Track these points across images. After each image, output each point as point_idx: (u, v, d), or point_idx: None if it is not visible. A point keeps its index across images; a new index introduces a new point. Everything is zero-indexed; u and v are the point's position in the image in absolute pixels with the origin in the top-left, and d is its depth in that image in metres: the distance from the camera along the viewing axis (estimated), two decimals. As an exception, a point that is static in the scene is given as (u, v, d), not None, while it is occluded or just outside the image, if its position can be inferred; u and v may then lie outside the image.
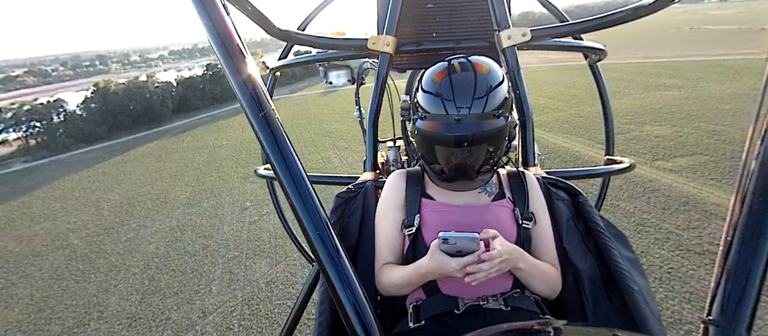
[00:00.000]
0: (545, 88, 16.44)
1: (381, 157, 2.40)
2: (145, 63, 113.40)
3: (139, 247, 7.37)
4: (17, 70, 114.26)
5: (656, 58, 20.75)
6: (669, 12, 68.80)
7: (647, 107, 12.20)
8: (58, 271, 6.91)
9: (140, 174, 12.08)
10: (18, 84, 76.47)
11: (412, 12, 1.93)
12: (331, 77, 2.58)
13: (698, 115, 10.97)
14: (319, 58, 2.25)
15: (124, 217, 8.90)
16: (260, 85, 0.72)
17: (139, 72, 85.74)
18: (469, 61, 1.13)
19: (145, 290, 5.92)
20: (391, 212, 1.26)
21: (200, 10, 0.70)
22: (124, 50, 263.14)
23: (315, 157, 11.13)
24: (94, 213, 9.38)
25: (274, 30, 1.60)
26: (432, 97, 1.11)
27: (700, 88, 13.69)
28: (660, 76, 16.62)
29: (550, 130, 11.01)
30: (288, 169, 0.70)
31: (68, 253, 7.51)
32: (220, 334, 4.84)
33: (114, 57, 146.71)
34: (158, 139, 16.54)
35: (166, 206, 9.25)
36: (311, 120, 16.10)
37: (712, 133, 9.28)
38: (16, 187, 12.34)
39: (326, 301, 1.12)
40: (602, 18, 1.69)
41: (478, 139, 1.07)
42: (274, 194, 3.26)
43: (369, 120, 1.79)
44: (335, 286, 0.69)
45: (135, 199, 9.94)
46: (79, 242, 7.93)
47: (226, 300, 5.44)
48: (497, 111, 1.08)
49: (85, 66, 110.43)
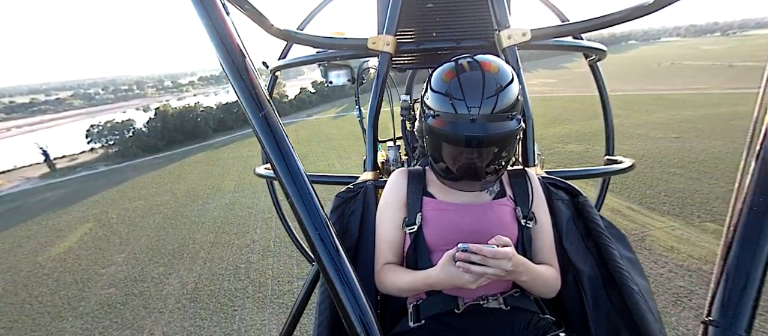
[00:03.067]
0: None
1: (381, 157, 2.36)
2: (176, 88, 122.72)
3: (207, 213, 11.43)
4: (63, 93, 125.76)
5: (620, 92, 24.22)
6: (665, 45, 71.65)
7: (580, 132, 15.86)
8: (158, 225, 11.00)
9: (197, 174, 16.40)
10: (66, 106, 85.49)
11: (412, 12, 1.92)
12: (331, 77, 2.52)
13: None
14: (319, 58, 2.22)
15: (192, 199, 13.05)
16: (260, 85, 0.71)
17: (172, 96, 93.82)
18: (476, 60, 1.10)
19: (217, 231, 9.93)
20: (393, 210, 1.24)
21: (200, 10, 0.69)
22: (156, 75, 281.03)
23: (323, 163, 15.16)
24: (171, 196, 13.60)
25: (273, 30, 1.58)
26: (441, 96, 1.09)
27: (632, 118, 17.30)
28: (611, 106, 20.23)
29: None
30: (288, 168, 0.71)
31: (162, 217, 11.64)
32: (263, 248, 8.74)
33: (149, 82, 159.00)
34: (204, 151, 21.04)
35: (219, 192, 13.38)
36: (322, 138, 20.31)
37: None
38: (109, 181, 16.80)
39: (326, 301, 1.12)
40: (602, 18, 1.68)
41: (488, 141, 1.05)
42: (274, 194, 3.30)
43: (369, 120, 1.77)
44: (335, 286, 0.69)
45: (197, 189, 14.15)
46: (167, 211, 12.08)
47: (265, 236, 9.35)
48: (510, 112, 1.06)
49: (123, 90, 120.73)
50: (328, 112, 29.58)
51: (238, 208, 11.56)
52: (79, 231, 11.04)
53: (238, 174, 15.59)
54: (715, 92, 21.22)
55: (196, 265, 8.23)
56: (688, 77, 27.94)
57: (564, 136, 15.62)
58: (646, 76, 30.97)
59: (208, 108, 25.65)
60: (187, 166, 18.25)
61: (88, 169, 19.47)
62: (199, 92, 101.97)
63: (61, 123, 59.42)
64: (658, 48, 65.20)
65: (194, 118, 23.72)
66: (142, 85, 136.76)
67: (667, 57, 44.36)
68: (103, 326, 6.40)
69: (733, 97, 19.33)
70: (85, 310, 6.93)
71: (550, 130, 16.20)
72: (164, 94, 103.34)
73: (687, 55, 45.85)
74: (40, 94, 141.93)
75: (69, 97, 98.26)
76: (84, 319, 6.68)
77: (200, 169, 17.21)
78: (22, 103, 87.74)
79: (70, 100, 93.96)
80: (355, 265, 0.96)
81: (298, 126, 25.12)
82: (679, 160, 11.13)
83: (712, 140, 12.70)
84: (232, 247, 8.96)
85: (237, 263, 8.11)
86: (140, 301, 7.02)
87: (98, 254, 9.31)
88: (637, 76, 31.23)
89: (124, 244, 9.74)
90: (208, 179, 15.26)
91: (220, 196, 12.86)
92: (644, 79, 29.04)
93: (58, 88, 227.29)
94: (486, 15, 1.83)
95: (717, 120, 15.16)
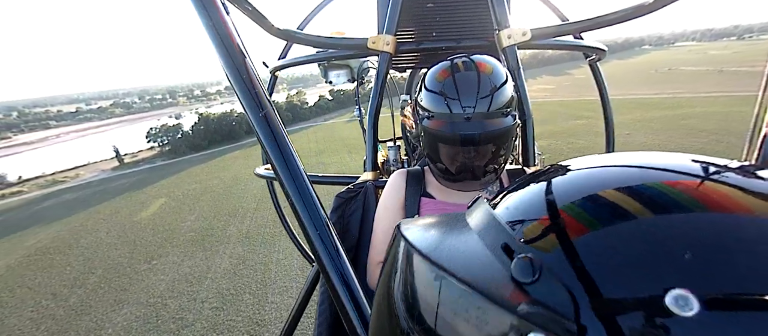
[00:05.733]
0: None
1: (381, 157, 2.34)
2: (205, 97, 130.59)
3: (249, 191, 15.06)
4: (102, 102, 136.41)
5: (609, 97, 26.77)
6: (676, 50, 71.94)
7: (554, 131, 18.68)
8: (214, 199, 14.70)
9: (237, 166, 20.21)
10: (109, 114, 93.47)
11: (412, 11, 1.92)
12: (331, 76, 2.47)
13: (576, 134, 17.47)
14: (319, 58, 2.22)
15: (235, 182, 16.77)
16: (260, 85, 0.72)
17: (201, 104, 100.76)
18: (471, 60, 1.10)
19: (258, 202, 13.49)
20: (391, 212, 1.25)
21: (200, 10, 0.70)
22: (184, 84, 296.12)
23: (336, 157, 18.64)
24: (219, 181, 17.40)
25: (273, 29, 1.58)
26: (436, 96, 1.08)
27: (601, 119, 20.08)
28: (589, 109, 22.88)
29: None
30: (288, 168, 0.71)
31: (216, 194, 15.38)
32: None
33: (180, 91, 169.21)
34: (240, 149, 24.96)
35: (255, 179, 16.98)
36: (336, 138, 23.90)
37: (570, 144, 15.88)
38: (168, 171, 20.87)
39: (326, 301, 1.14)
40: (603, 17, 1.67)
41: (484, 138, 1.05)
42: (274, 194, 3.40)
43: (369, 120, 1.78)
44: (335, 286, 0.69)
45: (238, 176, 17.90)
46: (219, 190, 15.81)
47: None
48: (504, 109, 1.06)
49: (158, 99, 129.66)
50: (343, 116, 33.30)
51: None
52: (157, 203, 14.93)
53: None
54: (687, 96, 23.53)
55: (246, 220, 11.81)
56: (677, 82, 29.99)
57: (536, 134, 18.61)
58: (639, 81, 33.07)
59: (241, 113, 29.93)
60: (228, 160, 22.18)
61: (149, 164, 23.71)
62: (225, 100, 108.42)
63: (108, 129, 65.79)
64: (668, 53, 65.90)
65: (230, 122, 27.90)
66: (174, 94, 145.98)
67: (671, 62, 45.81)
68: (191, 251, 9.98)
69: (699, 100, 21.70)
70: (177, 244, 10.58)
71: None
72: (194, 103, 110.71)
73: (690, 60, 47.15)
74: (80, 104, 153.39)
75: (110, 106, 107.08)
76: (178, 248, 10.31)
77: (239, 162, 21.07)
78: (69, 112, 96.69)
79: (111, 109, 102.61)
80: (355, 266, 0.97)
81: (317, 129, 28.90)
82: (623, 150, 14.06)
83: (656, 136, 15.44)
84: (269, 211, 12.45)
85: (274, 220, 11.57)
86: (212, 239, 10.61)
87: (176, 215, 13.08)
88: (628, 81, 33.43)
89: (192, 211, 13.47)
90: (246, 169, 19.04)
91: (258, 181, 16.52)
92: (634, 84, 31.24)
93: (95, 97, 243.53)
94: (486, 15, 1.82)
95: (670, 120, 17.76)
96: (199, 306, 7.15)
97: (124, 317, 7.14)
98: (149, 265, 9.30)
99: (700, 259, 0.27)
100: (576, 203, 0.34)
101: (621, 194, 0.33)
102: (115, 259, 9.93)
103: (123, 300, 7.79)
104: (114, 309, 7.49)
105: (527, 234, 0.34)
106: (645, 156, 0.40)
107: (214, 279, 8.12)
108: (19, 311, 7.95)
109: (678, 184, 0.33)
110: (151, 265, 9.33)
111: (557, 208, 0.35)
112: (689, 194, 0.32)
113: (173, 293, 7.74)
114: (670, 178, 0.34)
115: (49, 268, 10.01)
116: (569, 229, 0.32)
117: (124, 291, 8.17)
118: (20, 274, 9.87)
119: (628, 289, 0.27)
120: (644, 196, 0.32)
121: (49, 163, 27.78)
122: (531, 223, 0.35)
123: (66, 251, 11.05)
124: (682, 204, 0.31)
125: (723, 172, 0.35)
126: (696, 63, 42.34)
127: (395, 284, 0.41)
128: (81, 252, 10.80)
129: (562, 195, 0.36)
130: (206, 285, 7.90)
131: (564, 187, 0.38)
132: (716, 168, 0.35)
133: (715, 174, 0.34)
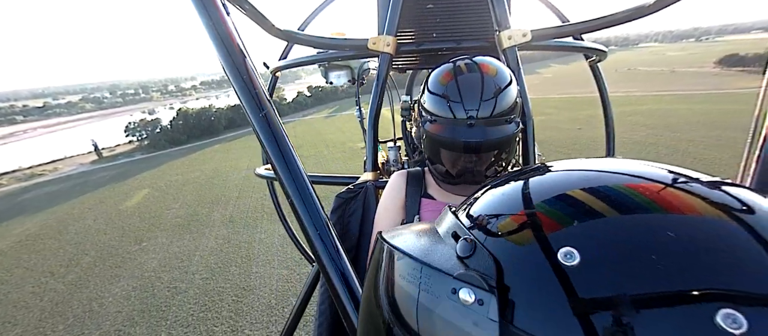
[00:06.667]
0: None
1: (381, 157, 2.35)
2: (180, 92, 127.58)
3: (230, 182, 15.86)
4: (70, 97, 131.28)
5: (566, 95, 28.57)
6: (639, 51, 75.84)
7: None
8: (196, 189, 15.43)
9: (217, 159, 20.88)
10: (79, 109, 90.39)
11: (412, 12, 1.92)
12: (332, 77, 2.47)
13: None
14: (319, 59, 2.21)
15: (216, 174, 17.51)
16: (260, 85, 0.72)
17: (176, 100, 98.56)
18: (474, 62, 1.09)
19: (239, 191, 14.33)
20: (391, 213, 1.26)
21: (200, 10, 0.70)
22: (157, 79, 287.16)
23: (313, 150, 19.63)
24: (200, 173, 18.07)
25: (273, 30, 1.58)
26: (438, 98, 1.08)
27: (560, 115, 21.62)
28: (552, 107, 24.60)
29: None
30: (288, 169, 0.72)
31: (198, 185, 16.09)
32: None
33: (153, 86, 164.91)
34: (219, 144, 25.53)
35: (236, 170, 17.83)
36: (314, 133, 24.86)
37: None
38: (149, 164, 21.29)
39: (326, 301, 1.14)
40: (603, 18, 1.67)
41: (487, 146, 1.04)
42: (274, 194, 3.36)
43: (369, 120, 1.78)
44: (335, 286, 0.69)
45: (219, 168, 18.61)
46: (201, 181, 16.52)
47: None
48: (508, 116, 1.05)
49: (130, 94, 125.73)
50: (322, 112, 34.19)
51: (253, 179, 16.03)
52: (141, 193, 15.56)
53: (248, 159, 20.09)
54: (639, 94, 25.68)
55: (229, 207, 12.70)
56: (634, 81, 32.29)
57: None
58: (605, 81, 35.41)
59: (219, 109, 30.24)
60: (208, 154, 22.77)
61: (128, 157, 23.95)
62: (201, 96, 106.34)
63: (79, 125, 64.02)
64: (632, 54, 69.59)
65: (209, 117, 28.33)
66: (147, 90, 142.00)
67: (631, 62, 48.72)
68: (179, 234, 10.82)
69: (648, 98, 23.80)
70: (164, 228, 11.39)
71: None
72: (169, 98, 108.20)
73: (649, 60, 50.23)
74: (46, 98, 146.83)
75: (79, 101, 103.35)
76: (166, 232, 11.12)
77: (219, 156, 21.72)
78: (36, 107, 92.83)
79: (80, 103, 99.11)
80: (355, 266, 0.95)
81: (296, 124, 29.72)
82: (572, 142, 15.61)
83: (601, 130, 17.20)
84: (251, 198, 13.42)
85: (255, 206, 12.53)
86: (198, 223, 11.47)
87: (160, 203, 13.81)
88: (589, 80, 35.50)
89: (175, 200, 14.22)
90: (226, 162, 19.77)
91: (237, 173, 17.37)
92: (595, 83, 33.44)
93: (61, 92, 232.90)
94: (486, 15, 1.82)
95: (619, 116, 18.70)
96: (190, 277, 8.12)
97: (121, 288, 8.03)
98: (140, 247, 10.13)
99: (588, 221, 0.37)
100: (547, 202, 0.42)
101: (587, 194, 0.40)
102: (106, 243, 10.68)
103: (118, 275, 8.66)
104: (111, 282, 8.35)
105: (472, 222, 0.44)
106: (601, 163, 0.46)
107: (202, 256, 9.08)
108: (19, 288, 8.68)
109: (639, 189, 0.39)
110: (142, 246, 10.17)
111: (497, 203, 0.46)
112: (646, 197, 0.38)
113: (165, 268, 8.66)
114: (633, 182, 0.41)
115: (42, 251, 10.66)
116: (544, 223, 0.39)
117: (118, 268, 9.02)
118: (14, 257, 10.49)
119: (534, 254, 0.37)
120: (609, 198, 0.39)
121: (21, 159, 27.44)
122: (478, 216, 0.45)
123: (56, 236, 11.67)
124: (639, 204, 0.38)
125: (688, 182, 0.40)
126: (653, 64, 45.27)
127: (379, 280, 0.47)
128: (71, 237, 11.46)
129: (511, 195, 0.46)
130: (195, 261, 8.86)
131: (512, 190, 0.46)
132: (682, 177, 0.40)
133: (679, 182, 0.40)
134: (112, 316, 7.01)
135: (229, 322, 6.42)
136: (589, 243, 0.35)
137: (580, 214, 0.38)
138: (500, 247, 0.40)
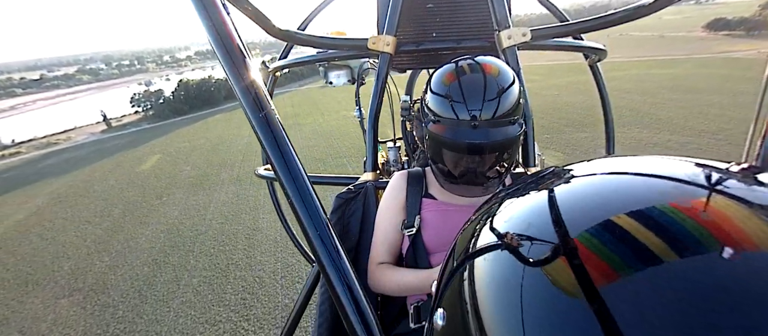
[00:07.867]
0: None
1: (381, 157, 2.31)
2: (175, 63, 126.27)
3: (234, 147, 17.25)
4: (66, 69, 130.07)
5: (552, 61, 29.13)
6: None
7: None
8: (204, 154, 16.84)
9: (220, 128, 22.20)
10: (76, 81, 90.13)
11: (412, 12, 1.93)
12: (331, 77, 2.44)
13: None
14: (319, 58, 2.22)
15: (221, 141, 18.86)
16: (260, 85, 0.73)
17: (172, 71, 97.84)
18: (477, 62, 1.09)
19: (244, 154, 15.76)
20: (392, 213, 1.27)
21: (200, 10, 0.70)
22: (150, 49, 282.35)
23: (310, 118, 20.89)
24: (206, 140, 19.45)
25: (274, 30, 1.59)
26: (441, 99, 1.09)
27: (543, 82, 22.56)
28: (533, 73, 25.57)
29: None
30: (288, 169, 0.71)
31: (205, 150, 17.48)
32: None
33: (148, 57, 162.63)
34: (220, 114, 26.72)
35: (238, 138, 19.16)
36: (310, 102, 26.02)
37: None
38: (157, 133, 22.65)
39: (326, 301, 1.14)
40: (602, 18, 1.68)
41: (490, 147, 1.05)
42: (274, 194, 3.38)
43: (369, 120, 1.79)
44: (335, 287, 0.69)
45: (223, 135, 19.97)
46: (207, 147, 17.92)
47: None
48: (512, 117, 1.06)
49: (126, 65, 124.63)
50: (318, 83, 35.11)
51: (255, 145, 17.43)
52: (154, 158, 17.02)
53: (249, 129, 21.31)
54: (622, 60, 26.55)
55: (235, 168, 14.18)
56: (623, 47, 32.58)
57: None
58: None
59: (219, 80, 31.17)
60: (211, 123, 24.06)
61: (136, 127, 25.27)
62: (197, 66, 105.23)
63: (79, 96, 64.54)
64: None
65: (209, 88, 29.36)
66: (142, 61, 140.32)
67: (624, 28, 48.38)
68: (193, 191, 12.31)
69: (631, 64, 24.75)
70: (180, 186, 12.88)
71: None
72: (165, 69, 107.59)
73: (641, 25, 49.92)
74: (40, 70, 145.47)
75: (76, 73, 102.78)
76: (182, 189, 12.62)
77: (221, 125, 23.03)
78: (34, 80, 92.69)
79: (77, 75, 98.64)
80: (355, 266, 0.94)
81: (293, 94, 30.79)
82: (551, 108, 16.87)
83: (577, 96, 18.37)
84: (255, 162, 14.81)
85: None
86: (209, 182, 12.97)
87: (173, 166, 15.30)
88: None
89: (186, 163, 15.68)
90: (229, 130, 21.11)
91: (241, 139, 18.75)
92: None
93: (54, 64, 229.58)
94: (486, 15, 1.83)
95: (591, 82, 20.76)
96: (208, 222, 9.71)
97: (151, 230, 9.65)
98: (160, 201, 11.70)
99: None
100: (591, 232, 0.34)
101: (634, 222, 0.34)
102: (130, 198, 12.25)
103: (146, 222, 10.26)
104: (141, 227, 9.96)
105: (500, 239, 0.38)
106: (641, 163, 0.42)
107: (216, 207, 10.64)
108: (64, 232, 10.30)
109: (686, 210, 0.34)
110: (162, 200, 11.73)
111: (570, 236, 0.36)
112: (698, 223, 0.33)
113: (186, 216, 10.25)
114: (674, 197, 0.36)
115: (75, 206, 12.25)
116: (591, 267, 0.32)
117: (145, 216, 10.62)
118: (51, 210, 12.09)
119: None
120: (660, 228, 0.33)
121: (32, 130, 28.73)
122: (505, 233, 0.39)
123: (85, 194, 13.24)
124: (696, 238, 0.32)
125: (726, 181, 0.37)
126: (645, 28, 44.76)
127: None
128: (98, 195, 13.03)
129: (574, 218, 0.37)
130: (211, 210, 10.43)
131: (571, 204, 0.39)
132: (718, 176, 0.37)
133: (718, 185, 0.36)
134: (148, 251, 8.64)
135: (244, 252, 8.03)
136: (650, 302, 0.29)
137: (633, 258, 0.32)
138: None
